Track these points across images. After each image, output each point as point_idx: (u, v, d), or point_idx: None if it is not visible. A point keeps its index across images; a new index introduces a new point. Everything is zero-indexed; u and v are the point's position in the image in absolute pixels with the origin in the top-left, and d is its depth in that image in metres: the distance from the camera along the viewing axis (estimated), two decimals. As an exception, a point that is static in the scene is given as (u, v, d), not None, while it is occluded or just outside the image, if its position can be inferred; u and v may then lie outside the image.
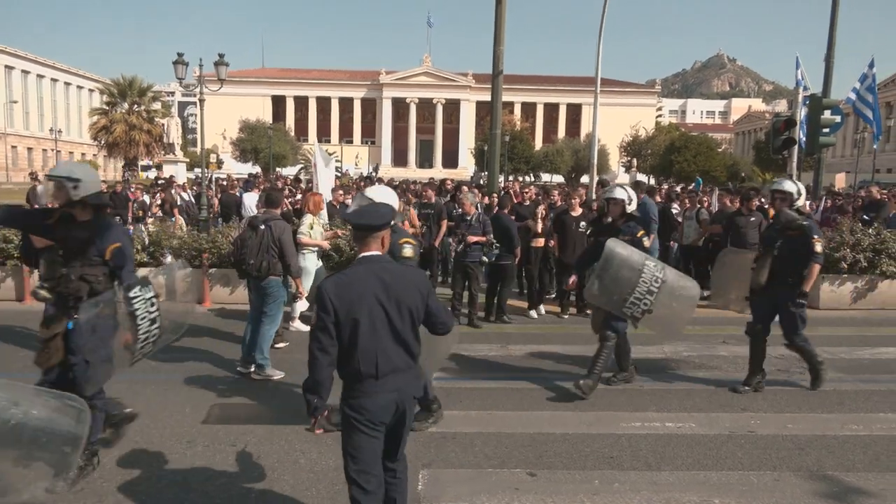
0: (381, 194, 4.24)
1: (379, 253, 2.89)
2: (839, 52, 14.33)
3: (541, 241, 8.92)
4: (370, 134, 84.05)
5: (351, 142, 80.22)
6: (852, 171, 39.25)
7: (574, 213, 8.85)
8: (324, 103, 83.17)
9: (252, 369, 5.97)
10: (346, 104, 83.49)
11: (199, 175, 18.81)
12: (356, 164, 67.90)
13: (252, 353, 5.94)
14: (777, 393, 5.83)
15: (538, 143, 70.79)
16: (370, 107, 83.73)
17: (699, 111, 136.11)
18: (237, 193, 14.86)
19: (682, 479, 4.12)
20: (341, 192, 11.76)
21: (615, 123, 62.72)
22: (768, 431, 4.91)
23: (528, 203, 11.66)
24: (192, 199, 16.15)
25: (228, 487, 3.92)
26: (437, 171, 64.86)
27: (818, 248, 5.42)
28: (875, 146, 14.72)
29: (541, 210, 9.14)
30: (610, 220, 5.93)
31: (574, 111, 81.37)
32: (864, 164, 42.45)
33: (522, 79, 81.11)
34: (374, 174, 50.37)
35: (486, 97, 16.64)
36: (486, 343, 7.44)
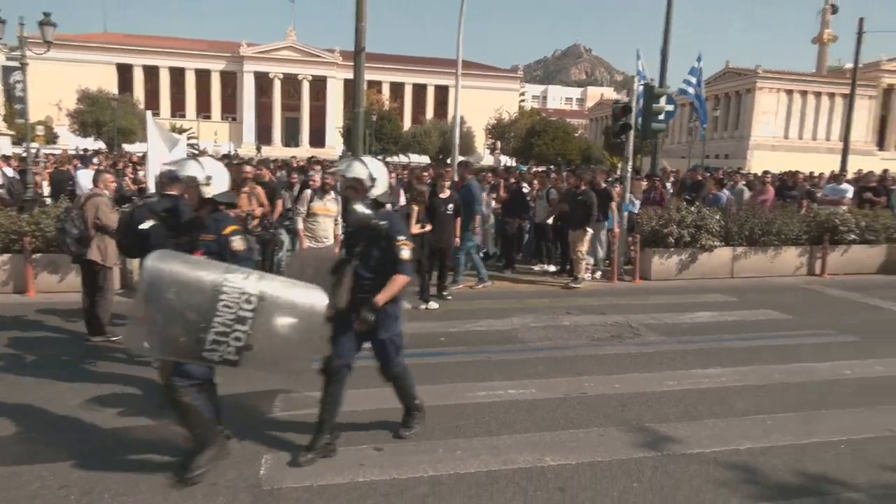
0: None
1: None
2: (680, 48, 15.75)
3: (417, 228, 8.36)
4: (231, 110, 79.50)
5: (209, 118, 75.41)
6: (687, 157, 43.43)
7: (442, 196, 8.67)
8: (178, 75, 77.24)
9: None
10: (203, 77, 78.14)
11: (26, 149, 16.76)
12: (215, 142, 64.00)
13: None
14: (609, 356, 6.37)
15: (407, 124, 71.02)
16: (230, 81, 79.04)
17: (559, 97, 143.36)
18: (72, 170, 13.48)
19: (519, 441, 4.39)
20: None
21: (481, 107, 64.46)
22: (598, 392, 5.36)
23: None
24: (17, 176, 14.39)
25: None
26: (304, 150, 62.93)
27: (405, 253, 3.95)
28: (702, 134, 16.38)
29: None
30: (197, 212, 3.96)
31: (442, 93, 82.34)
32: (698, 150, 47.18)
33: (391, 58, 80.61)
34: (232, 153, 47.93)
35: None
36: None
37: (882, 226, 11.28)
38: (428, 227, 8.30)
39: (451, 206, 8.59)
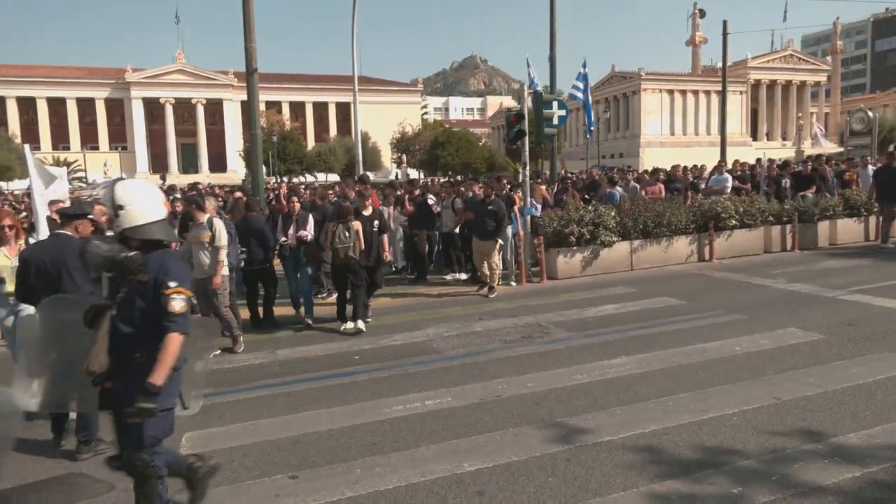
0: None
1: None
2: (572, 54, 16.48)
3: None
4: (120, 139, 75.12)
5: (97, 148, 70.96)
6: (585, 158, 45.44)
7: (366, 213, 8.29)
8: (58, 105, 72.19)
9: None
10: (86, 106, 73.40)
11: None
12: (105, 174, 60.30)
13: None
14: (522, 357, 6.54)
15: (310, 143, 69.86)
16: (117, 108, 74.74)
17: (460, 108, 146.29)
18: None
19: (437, 451, 4.41)
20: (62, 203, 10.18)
21: (384, 121, 64.50)
22: (512, 393, 5.49)
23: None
24: None
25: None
26: (204, 176, 60.48)
27: (176, 305, 3.07)
28: (588, 135, 17.25)
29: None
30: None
31: (344, 109, 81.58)
32: (594, 151, 49.45)
33: (289, 77, 79.15)
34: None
35: (246, 96, 15.88)
36: (253, 351, 7.17)
37: (758, 210, 12.27)
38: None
39: (376, 222, 8.33)
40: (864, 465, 3.90)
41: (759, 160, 19.63)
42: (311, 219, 8.60)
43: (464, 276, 11.19)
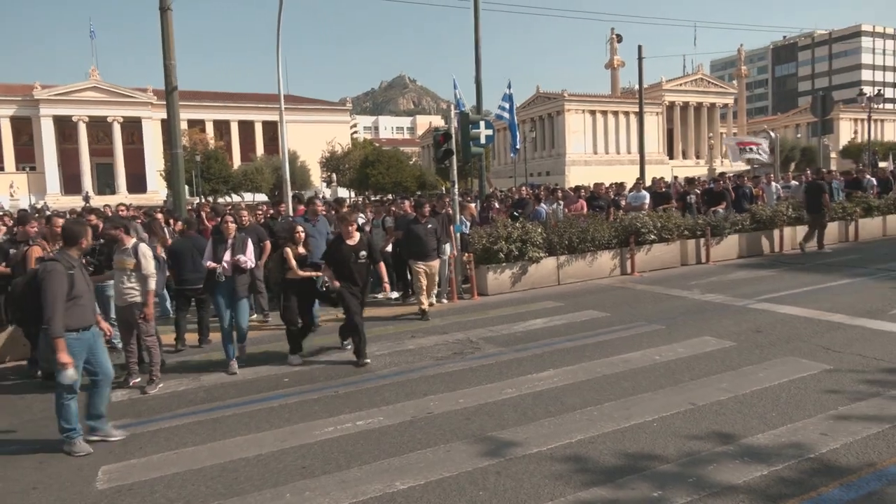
0: None
1: None
2: (497, 74, 16.71)
3: (304, 273, 7.38)
4: (28, 158, 70.71)
5: (1, 169, 66.56)
6: (513, 176, 46.51)
7: (350, 242, 7.28)
8: (-43, 123, 67.38)
9: None
10: (-11, 124, 68.83)
11: None
12: (12, 195, 56.65)
13: None
14: (453, 373, 6.60)
15: (236, 162, 68.09)
16: (25, 127, 70.43)
17: (390, 127, 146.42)
18: None
19: (368, 471, 4.38)
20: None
21: (312, 140, 63.81)
22: (443, 409, 5.53)
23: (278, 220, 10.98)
24: None
25: None
26: (123, 197, 57.67)
27: None
28: (513, 154, 17.73)
29: (299, 232, 7.59)
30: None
31: (271, 128, 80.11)
32: (522, 170, 50.67)
33: (213, 95, 77.02)
34: (39, 205, 42.72)
35: (166, 115, 15.37)
36: (176, 377, 6.89)
37: (674, 225, 12.95)
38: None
39: (363, 253, 7.29)
40: (770, 464, 4.17)
41: (675, 178, 20.73)
42: (249, 242, 7.53)
43: (395, 295, 11.16)
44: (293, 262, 7.36)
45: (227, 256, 7.21)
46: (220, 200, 46.39)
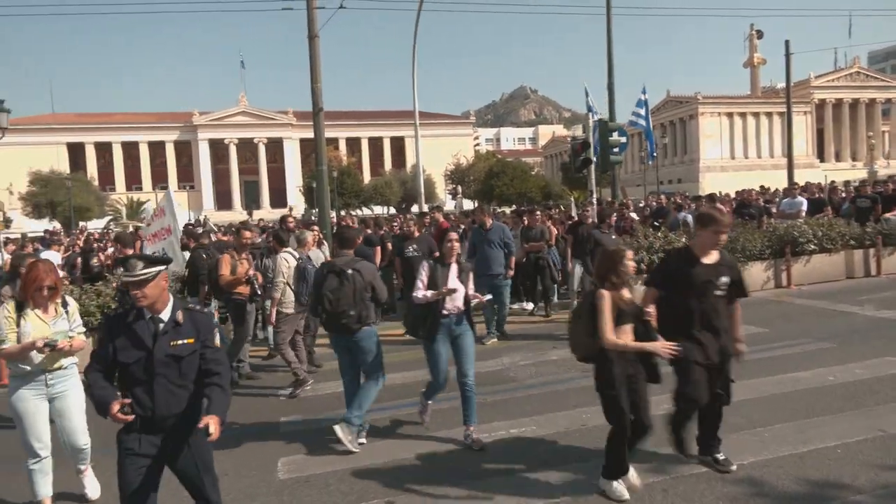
0: None
1: None
2: (623, 80, 16.52)
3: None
4: (188, 178, 79.07)
5: (166, 188, 74.70)
6: (642, 185, 44.80)
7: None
8: (131, 149, 76.82)
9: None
10: (156, 148, 77.84)
11: (-18, 237, 16.36)
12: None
13: (350, 410, 5.11)
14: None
15: (367, 177, 71.61)
16: (185, 150, 78.91)
17: (512, 138, 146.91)
18: (34, 252, 13.15)
19: (531, 479, 4.39)
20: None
21: (438, 153, 65.59)
22: (597, 423, 5.38)
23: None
24: None
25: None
26: (266, 212, 62.72)
27: None
28: (651, 161, 17.06)
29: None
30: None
31: (398, 143, 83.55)
32: (651, 177, 48.72)
33: (345, 114, 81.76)
34: (201, 219, 47.44)
35: (309, 134, 16.70)
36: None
37: (838, 234, 11.79)
38: None
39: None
40: None
41: (832, 182, 18.94)
42: None
43: (530, 306, 11.15)
44: None
45: (462, 285, 5.23)
46: (353, 213, 48.82)
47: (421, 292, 5.09)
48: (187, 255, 9.01)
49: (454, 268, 5.25)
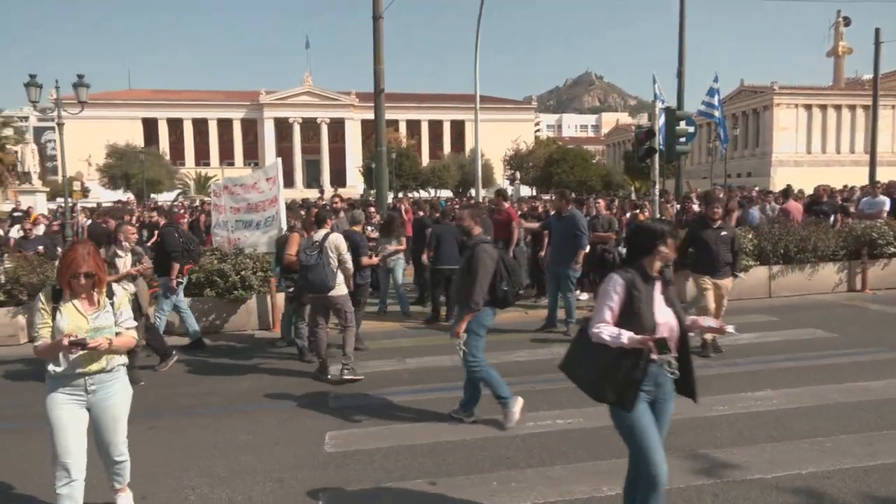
0: None
1: None
2: (690, 69, 15.89)
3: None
4: (253, 155, 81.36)
5: (232, 164, 77.24)
6: (708, 177, 43.17)
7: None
8: (201, 125, 79.61)
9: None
10: (224, 126, 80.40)
11: (62, 205, 17.34)
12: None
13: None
14: (654, 383, 6.26)
15: (425, 160, 71.87)
16: (251, 128, 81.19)
17: (573, 125, 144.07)
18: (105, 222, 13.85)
19: (573, 471, 4.34)
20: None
21: (497, 138, 65.06)
22: (648, 419, 5.27)
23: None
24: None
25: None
26: (327, 191, 63.95)
27: None
28: (723, 152, 16.36)
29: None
30: None
31: (458, 127, 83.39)
32: (719, 170, 46.86)
33: (406, 97, 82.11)
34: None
35: (370, 115, 16.88)
36: (381, 359, 7.43)
37: (922, 236, 11.03)
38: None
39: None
40: None
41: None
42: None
43: (585, 297, 10.95)
44: None
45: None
46: (411, 195, 49.10)
47: (611, 330, 3.16)
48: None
49: (658, 286, 3.29)
